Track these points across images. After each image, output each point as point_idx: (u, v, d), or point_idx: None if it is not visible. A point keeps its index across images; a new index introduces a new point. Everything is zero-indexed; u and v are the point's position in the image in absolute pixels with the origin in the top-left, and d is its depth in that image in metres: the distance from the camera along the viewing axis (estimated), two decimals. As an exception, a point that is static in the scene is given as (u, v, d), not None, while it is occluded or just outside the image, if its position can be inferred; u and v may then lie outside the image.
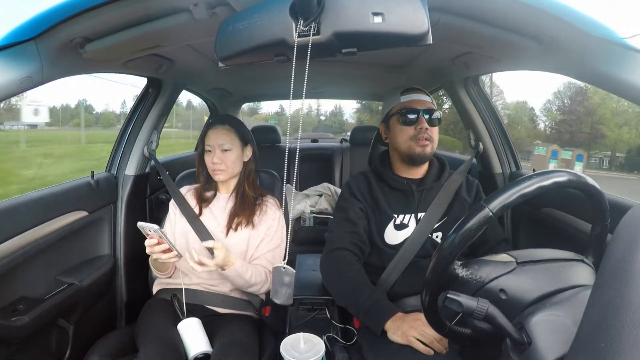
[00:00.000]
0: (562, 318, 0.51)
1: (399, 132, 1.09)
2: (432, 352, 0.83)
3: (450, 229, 0.60)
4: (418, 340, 0.84)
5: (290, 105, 0.76)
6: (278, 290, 0.81)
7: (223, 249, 1.01)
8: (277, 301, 0.82)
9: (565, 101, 23.74)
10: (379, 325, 0.89)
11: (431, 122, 1.07)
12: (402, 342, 0.85)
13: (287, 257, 0.83)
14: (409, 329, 0.86)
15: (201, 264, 0.99)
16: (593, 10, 0.68)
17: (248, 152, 1.24)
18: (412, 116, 1.06)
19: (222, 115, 1.27)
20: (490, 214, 0.56)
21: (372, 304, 0.93)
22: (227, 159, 1.18)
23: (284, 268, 0.80)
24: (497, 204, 0.56)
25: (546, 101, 25.40)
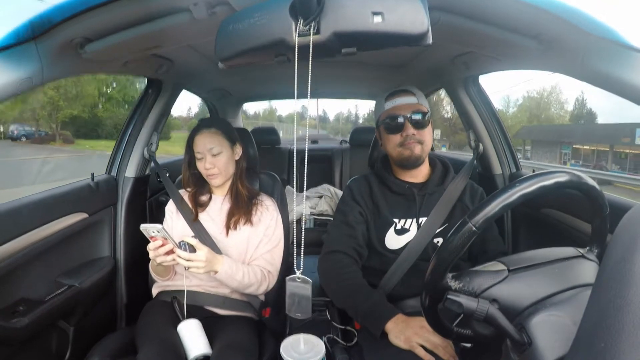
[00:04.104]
0: (562, 318, 0.51)
1: (387, 140, 1.09)
2: (433, 359, 0.82)
3: None
4: (421, 346, 0.83)
5: (295, 105, 0.76)
6: (293, 303, 0.73)
7: (204, 249, 1.00)
8: (294, 316, 0.75)
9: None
10: (379, 328, 0.89)
11: (419, 125, 1.04)
12: (404, 347, 0.85)
13: (302, 267, 0.75)
14: (413, 335, 0.85)
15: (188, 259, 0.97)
16: (594, 10, 0.67)
17: (238, 151, 1.23)
18: (396, 123, 1.05)
19: (206, 118, 1.26)
20: (474, 228, 0.55)
21: (371, 306, 0.92)
22: (219, 162, 1.16)
23: (298, 279, 0.73)
24: (479, 218, 0.55)
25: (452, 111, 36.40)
